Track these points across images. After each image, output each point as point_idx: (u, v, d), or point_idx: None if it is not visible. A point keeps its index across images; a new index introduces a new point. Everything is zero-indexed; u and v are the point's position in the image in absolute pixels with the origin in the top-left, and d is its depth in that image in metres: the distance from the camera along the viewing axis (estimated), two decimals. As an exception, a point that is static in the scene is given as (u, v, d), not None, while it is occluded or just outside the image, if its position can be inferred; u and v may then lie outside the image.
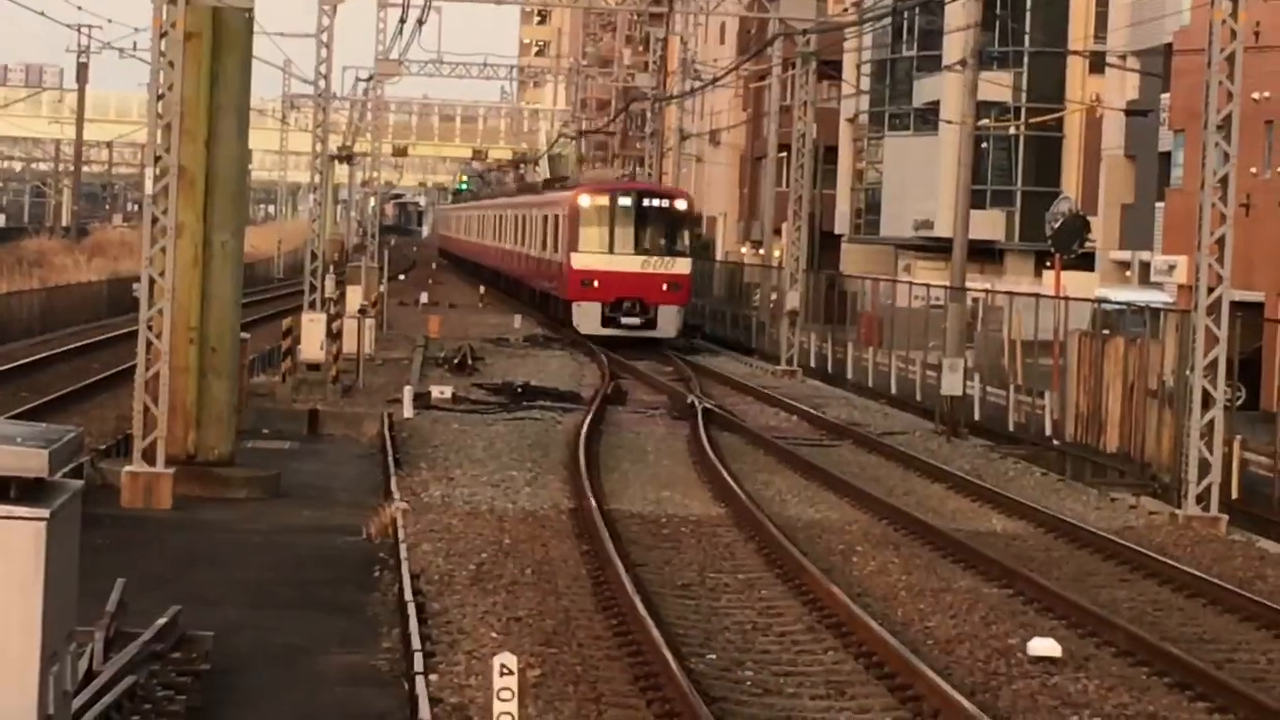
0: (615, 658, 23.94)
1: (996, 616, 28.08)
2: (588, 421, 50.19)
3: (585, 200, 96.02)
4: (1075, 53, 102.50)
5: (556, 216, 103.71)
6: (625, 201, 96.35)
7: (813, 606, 28.04)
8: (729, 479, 40.95)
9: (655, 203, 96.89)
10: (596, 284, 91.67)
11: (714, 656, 24.48)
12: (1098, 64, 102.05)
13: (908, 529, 36.25)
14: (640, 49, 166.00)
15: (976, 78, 70.51)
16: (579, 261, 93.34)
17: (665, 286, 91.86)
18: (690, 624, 26.35)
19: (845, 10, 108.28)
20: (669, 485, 40.90)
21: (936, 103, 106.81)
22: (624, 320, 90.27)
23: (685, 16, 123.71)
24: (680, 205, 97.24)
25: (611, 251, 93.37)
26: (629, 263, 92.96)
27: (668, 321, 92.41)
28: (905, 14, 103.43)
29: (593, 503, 35.65)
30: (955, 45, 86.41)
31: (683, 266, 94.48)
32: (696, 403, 56.98)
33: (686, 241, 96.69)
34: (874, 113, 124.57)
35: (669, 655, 22.88)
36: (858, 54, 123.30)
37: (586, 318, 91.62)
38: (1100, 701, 23.19)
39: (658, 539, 33.80)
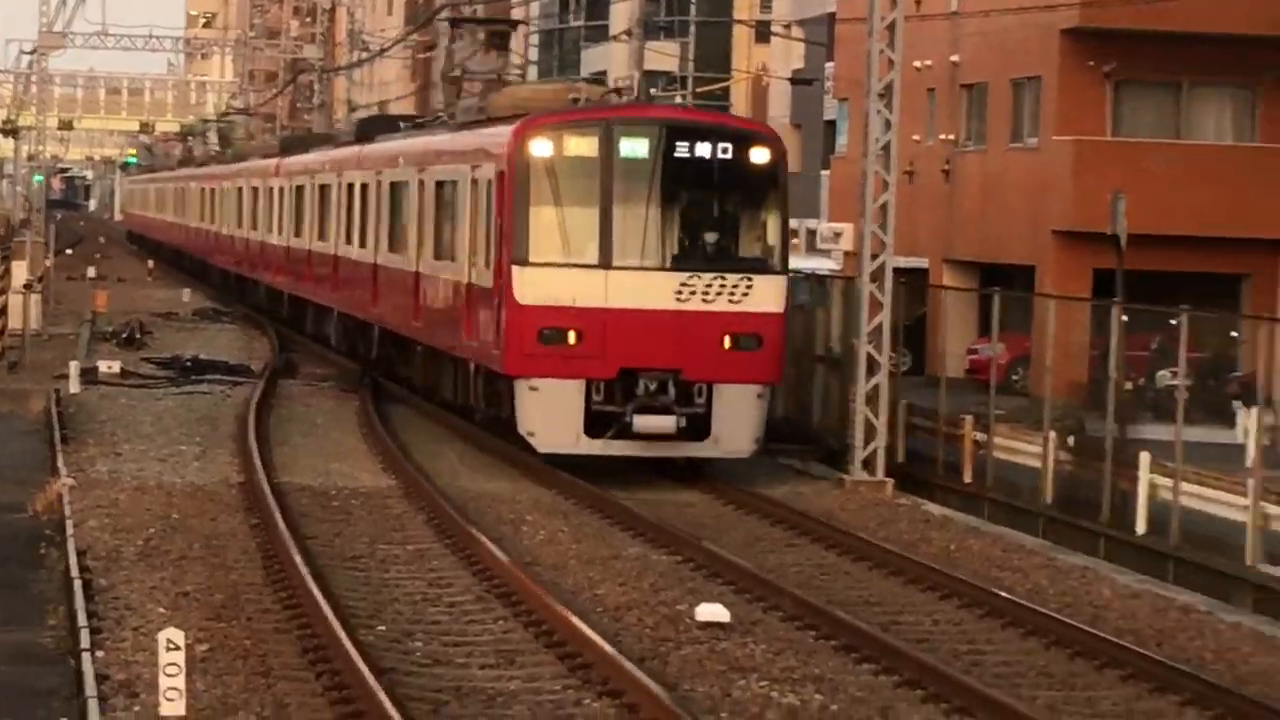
0: (284, 631, 23.80)
1: (665, 583, 28.09)
2: (258, 395, 49.51)
3: (542, 146, 43.83)
4: (741, 22, 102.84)
5: (458, 185, 49.70)
6: (636, 147, 44.33)
7: (482, 576, 27.93)
8: (398, 451, 40.96)
9: (705, 149, 44.32)
10: (575, 338, 42.74)
11: (384, 628, 24.38)
12: (763, 33, 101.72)
13: (577, 498, 36.45)
14: (308, 20, 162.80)
15: (643, 47, 69.91)
16: (530, 286, 43.28)
17: (729, 341, 43.11)
18: (360, 595, 26.19)
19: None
20: (339, 458, 40.64)
21: (604, 72, 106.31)
22: (638, 421, 41.80)
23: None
24: (760, 156, 44.20)
25: (608, 264, 43.38)
26: (648, 288, 43.54)
27: (736, 422, 43.00)
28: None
29: (262, 476, 35.26)
30: (622, 15, 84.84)
31: (769, 296, 43.92)
32: (366, 376, 56.35)
33: (775, 238, 44.96)
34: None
35: (338, 627, 22.74)
36: (525, 24, 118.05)
37: (552, 415, 42.45)
38: (768, 665, 23.24)
39: (328, 511, 33.48)
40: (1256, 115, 59.59)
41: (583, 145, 42.76)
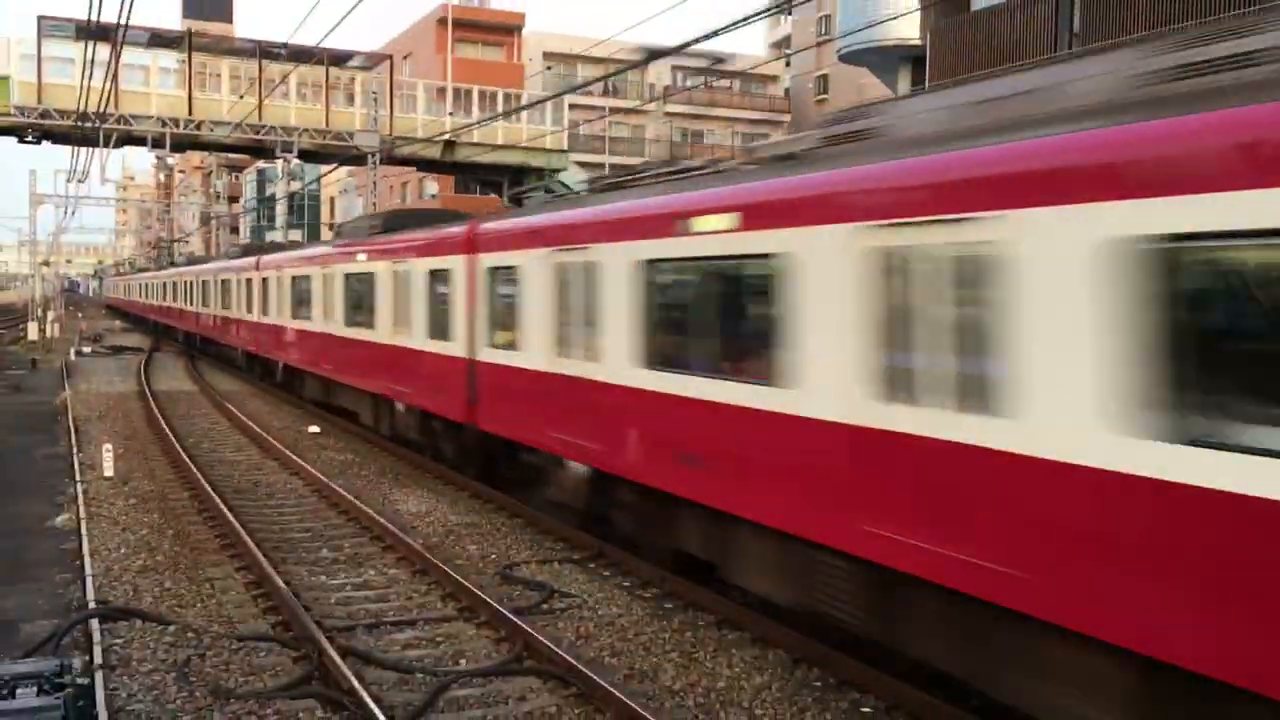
0: (155, 443, 23.12)
1: (296, 419, 27.17)
2: (145, 359, 46.08)
3: None
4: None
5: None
6: None
7: (232, 421, 26.95)
8: (200, 376, 38.76)
9: None
10: None
11: (193, 440, 23.63)
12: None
13: (268, 391, 33.69)
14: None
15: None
16: None
17: None
18: (185, 430, 25.20)
19: None
20: (177, 380, 38.06)
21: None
22: None
23: None
24: None
25: None
26: None
27: None
28: None
29: (146, 387, 33.81)
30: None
31: None
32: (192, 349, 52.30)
33: None
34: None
35: (175, 441, 22.34)
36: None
37: None
38: (334, 445, 22.63)
39: (172, 399, 31.75)
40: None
41: None
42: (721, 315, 9.01)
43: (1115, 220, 5.67)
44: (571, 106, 57.81)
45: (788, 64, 68.36)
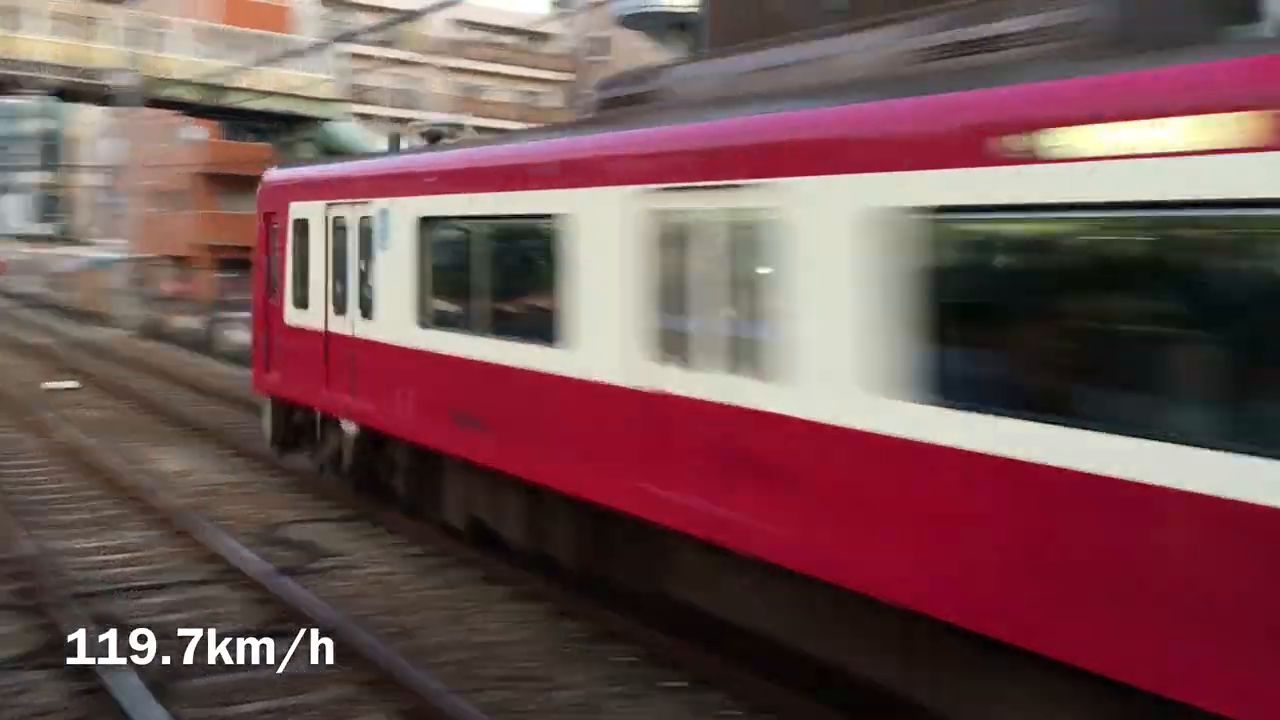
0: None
1: (43, 373, 25.04)
2: None
3: None
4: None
5: None
6: None
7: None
8: None
9: None
10: None
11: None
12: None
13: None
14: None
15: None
16: None
17: None
18: None
19: None
20: None
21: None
22: None
23: None
24: None
25: None
26: None
27: None
28: None
29: None
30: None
31: None
32: None
33: None
34: None
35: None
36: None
37: None
38: (89, 401, 21.60)
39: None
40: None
41: None
42: None
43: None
44: (353, 56, 56.05)
45: (570, 24, 68.14)
